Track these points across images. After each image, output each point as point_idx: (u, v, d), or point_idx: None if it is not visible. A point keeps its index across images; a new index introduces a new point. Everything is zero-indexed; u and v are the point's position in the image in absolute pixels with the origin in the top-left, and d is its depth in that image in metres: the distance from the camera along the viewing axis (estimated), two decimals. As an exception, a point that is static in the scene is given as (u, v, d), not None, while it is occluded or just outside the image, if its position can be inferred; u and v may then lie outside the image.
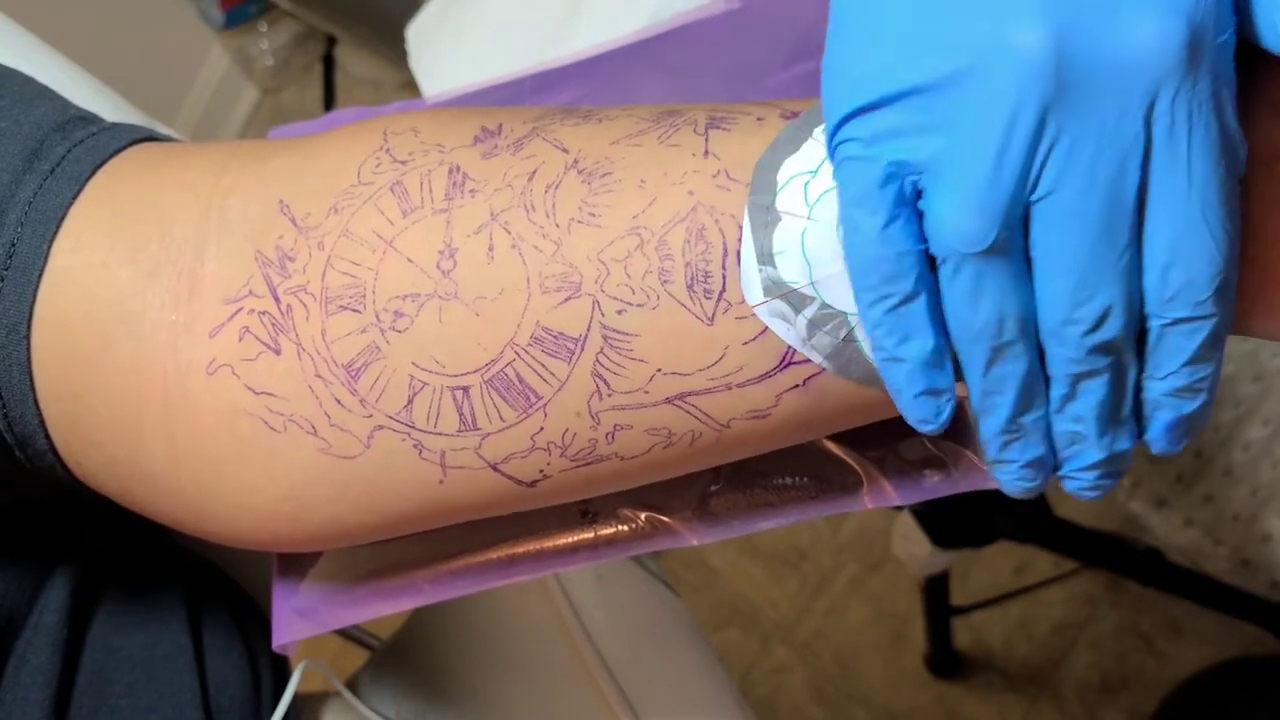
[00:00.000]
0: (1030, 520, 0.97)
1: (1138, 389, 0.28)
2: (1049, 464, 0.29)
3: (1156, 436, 0.28)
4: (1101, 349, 0.26)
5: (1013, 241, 0.26)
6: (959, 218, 0.25)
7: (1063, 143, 0.24)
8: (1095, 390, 0.27)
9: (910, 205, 0.26)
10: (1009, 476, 0.29)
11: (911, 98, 0.26)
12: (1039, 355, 0.27)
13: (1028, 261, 0.26)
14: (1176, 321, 0.26)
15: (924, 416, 0.28)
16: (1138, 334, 0.27)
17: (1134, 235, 0.25)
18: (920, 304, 0.27)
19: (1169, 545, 1.10)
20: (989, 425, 0.28)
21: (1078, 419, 0.28)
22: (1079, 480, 0.29)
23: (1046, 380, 0.28)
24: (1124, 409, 0.28)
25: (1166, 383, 0.27)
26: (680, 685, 0.57)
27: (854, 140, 0.26)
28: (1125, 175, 0.25)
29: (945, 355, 0.28)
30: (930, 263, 0.27)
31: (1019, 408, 0.28)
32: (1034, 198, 0.25)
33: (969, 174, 0.25)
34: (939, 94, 0.25)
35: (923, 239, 0.27)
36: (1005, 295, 0.26)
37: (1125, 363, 0.27)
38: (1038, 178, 0.25)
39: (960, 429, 0.37)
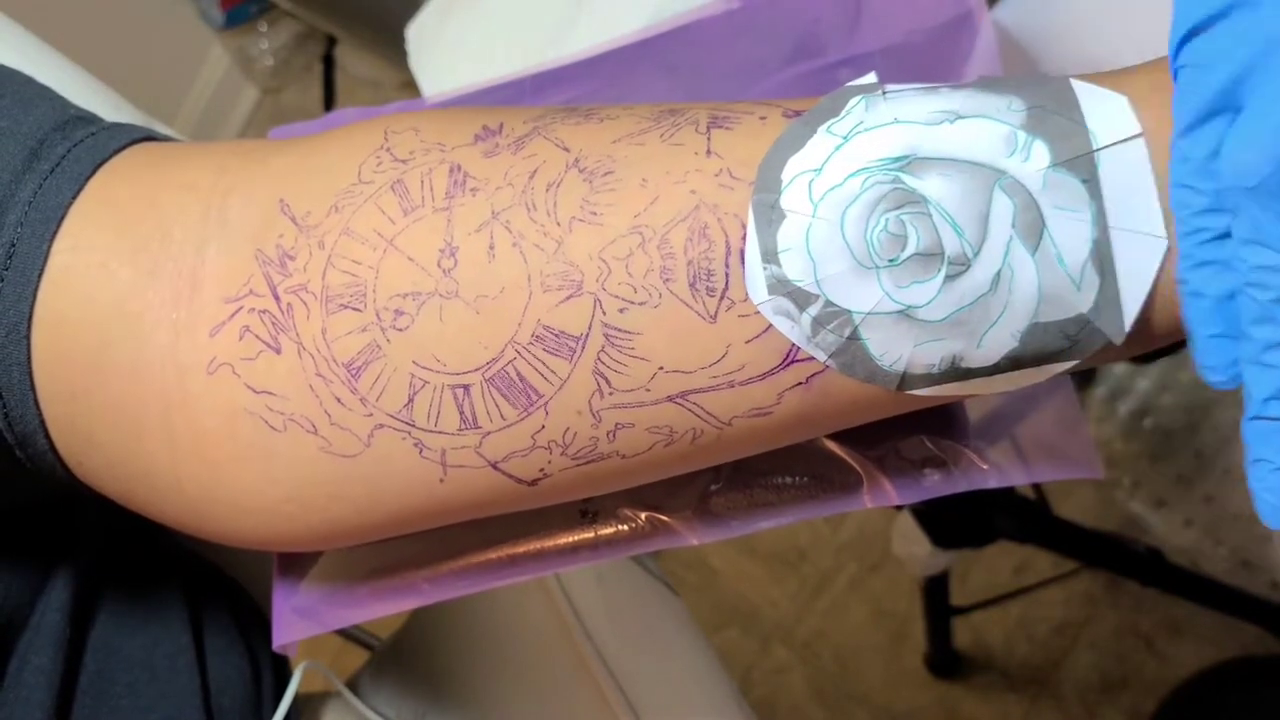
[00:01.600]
0: (1030, 520, 0.97)
1: None
2: None
3: None
4: None
5: None
6: (1239, 149, 0.24)
7: None
8: None
9: None
10: (1261, 482, 0.26)
11: (1230, 14, 0.24)
12: None
13: None
14: None
15: (1213, 363, 0.26)
16: None
17: None
18: (1230, 244, 0.25)
19: (1169, 545, 1.10)
20: (1249, 407, 0.25)
21: None
22: None
23: None
24: None
25: None
26: (680, 685, 0.57)
27: (1188, 67, 0.26)
28: None
29: None
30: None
31: None
32: None
33: (1265, 107, 0.24)
34: (1251, 9, 0.24)
35: None
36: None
37: None
38: None
39: (959, 426, 0.37)
